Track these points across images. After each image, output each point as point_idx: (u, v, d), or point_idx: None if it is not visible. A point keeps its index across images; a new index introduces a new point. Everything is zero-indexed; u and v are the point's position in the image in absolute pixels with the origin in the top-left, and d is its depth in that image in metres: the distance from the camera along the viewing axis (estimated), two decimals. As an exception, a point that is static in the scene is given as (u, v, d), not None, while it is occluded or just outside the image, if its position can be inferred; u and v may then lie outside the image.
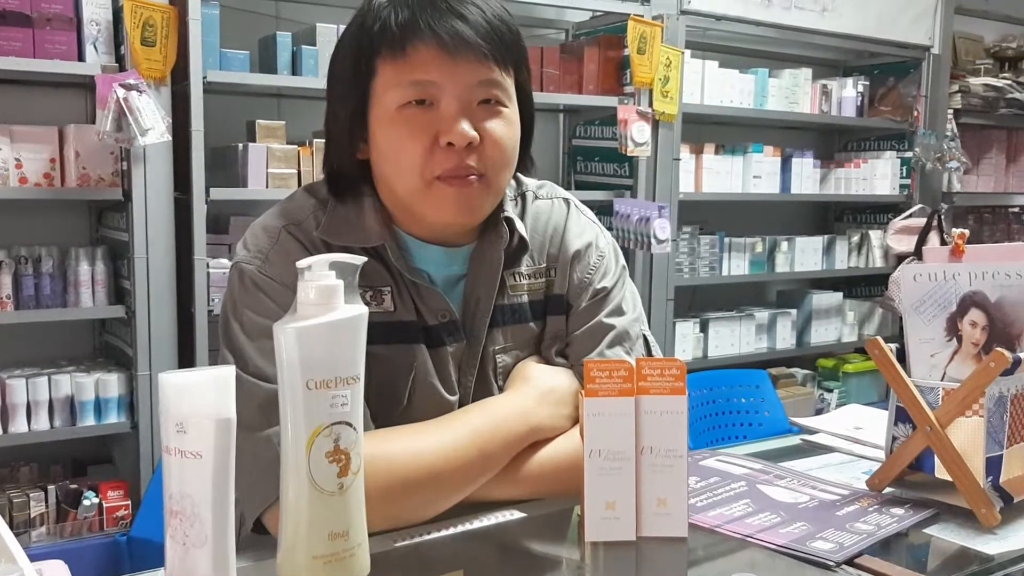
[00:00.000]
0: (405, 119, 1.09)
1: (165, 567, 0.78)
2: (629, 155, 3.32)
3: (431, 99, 1.09)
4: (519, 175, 1.26)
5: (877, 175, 4.19)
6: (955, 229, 1.63)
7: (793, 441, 1.41)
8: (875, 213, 4.38)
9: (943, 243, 3.70)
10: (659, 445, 0.98)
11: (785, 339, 3.99)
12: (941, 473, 1.07)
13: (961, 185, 4.47)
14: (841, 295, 4.20)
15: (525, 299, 1.23)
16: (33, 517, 2.59)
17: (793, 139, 4.24)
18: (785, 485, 1.15)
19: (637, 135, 3.28)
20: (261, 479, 1.01)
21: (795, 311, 4.05)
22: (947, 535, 1.02)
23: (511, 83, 1.14)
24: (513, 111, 1.14)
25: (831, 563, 0.93)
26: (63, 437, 2.62)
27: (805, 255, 4.00)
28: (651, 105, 3.35)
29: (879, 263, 4.24)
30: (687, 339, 3.67)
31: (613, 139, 3.37)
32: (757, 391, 2.86)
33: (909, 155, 4.25)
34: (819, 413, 3.56)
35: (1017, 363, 1.02)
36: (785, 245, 3.94)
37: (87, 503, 2.60)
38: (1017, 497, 1.06)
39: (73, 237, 2.82)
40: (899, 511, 1.07)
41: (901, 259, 3.99)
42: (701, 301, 3.98)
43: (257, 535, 1.05)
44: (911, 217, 4.08)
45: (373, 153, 1.15)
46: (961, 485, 1.04)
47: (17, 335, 2.73)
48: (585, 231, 1.27)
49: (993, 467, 1.05)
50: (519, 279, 1.23)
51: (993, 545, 0.99)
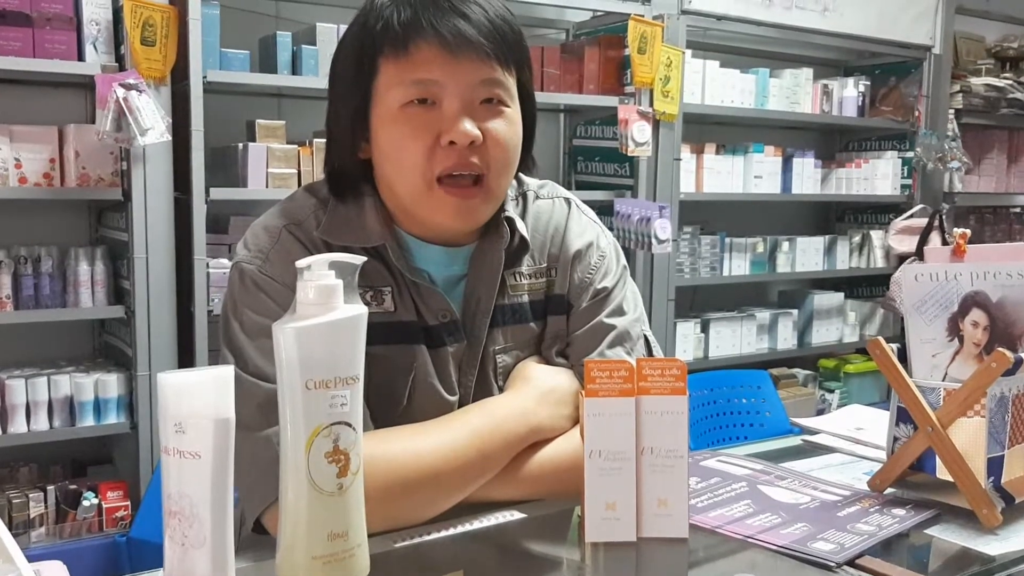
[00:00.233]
0: (407, 118, 1.09)
1: (164, 568, 0.78)
2: (630, 155, 3.32)
3: (433, 98, 1.09)
4: (520, 175, 1.26)
5: (878, 175, 4.19)
6: (956, 229, 1.62)
7: (794, 442, 1.41)
8: (876, 213, 4.37)
9: (944, 243, 3.70)
10: (660, 445, 0.98)
11: (786, 339, 3.99)
12: (942, 474, 1.07)
13: (962, 185, 4.47)
14: (842, 295, 4.20)
15: (526, 299, 1.23)
16: (32, 518, 2.58)
17: (794, 139, 4.24)
18: (786, 486, 1.15)
19: (638, 135, 3.28)
20: (260, 479, 1.01)
21: (796, 311, 4.05)
22: (948, 536, 1.01)
23: (513, 83, 1.14)
24: (515, 111, 1.14)
25: (832, 564, 0.93)
26: (62, 437, 2.62)
27: (806, 255, 4.00)
28: (652, 105, 3.35)
29: (880, 263, 4.24)
30: (688, 339, 3.67)
31: (614, 139, 3.37)
32: (758, 391, 2.85)
33: (910, 155, 4.24)
34: (820, 414, 3.55)
35: (1019, 363, 1.02)
36: (786, 245, 3.93)
37: (86, 504, 2.60)
38: (1019, 498, 1.06)
39: (73, 237, 2.82)
40: (900, 512, 1.06)
41: (902, 259, 3.99)
42: (702, 301, 3.98)
43: (258, 535, 1.05)
44: (912, 217, 4.08)
45: (375, 152, 1.14)
46: (962, 486, 1.04)
47: (17, 335, 2.73)
48: (586, 231, 1.27)
49: (995, 468, 1.05)
50: (520, 279, 1.23)
51: (994, 546, 0.98)
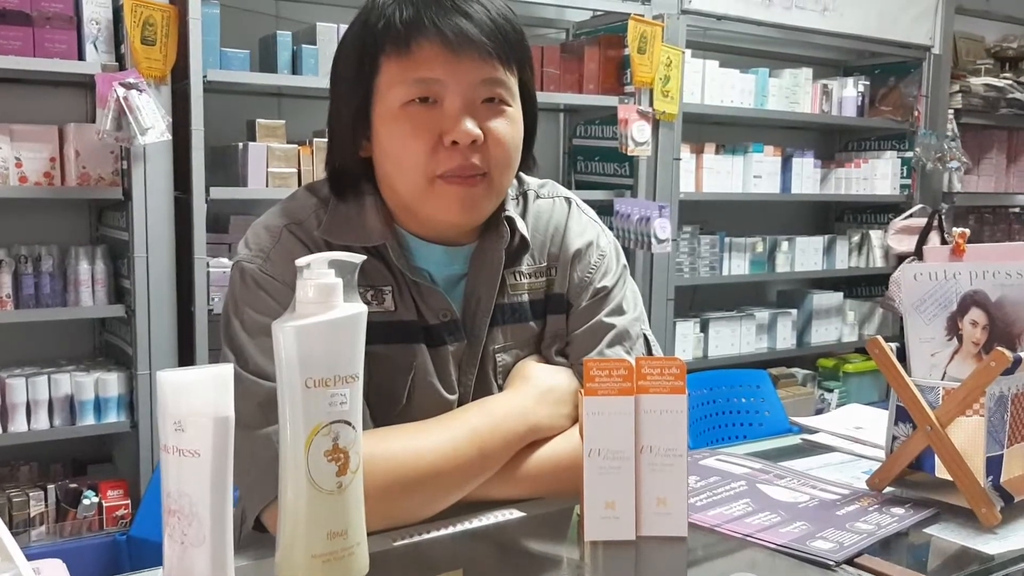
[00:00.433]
0: (409, 117, 1.09)
1: (163, 566, 0.78)
2: (629, 155, 3.32)
3: (435, 97, 1.08)
4: (521, 174, 1.26)
5: (878, 175, 4.18)
6: (956, 229, 1.63)
7: (793, 441, 1.41)
8: (876, 213, 4.38)
9: (944, 243, 3.70)
10: (659, 444, 0.98)
11: (785, 339, 3.99)
12: (941, 473, 1.07)
13: (962, 185, 4.47)
14: (841, 295, 4.20)
15: (525, 298, 1.23)
16: (33, 516, 2.59)
17: (794, 139, 4.24)
18: (785, 485, 1.15)
19: (637, 135, 3.28)
20: (260, 478, 1.01)
21: (795, 311, 4.05)
22: (947, 535, 1.01)
23: (515, 82, 1.13)
24: (517, 110, 1.14)
25: (831, 563, 0.93)
26: (63, 436, 2.62)
27: (805, 255, 4.00)
28: (651, 105, 3.35)
29: (879, 263, 4.24)
30: (687, 339, 3.67)
31: (613, 139, 3.37)
32: (757, 391, 2.86)
33: (910, 155, 4.24)
34: (819, 413, 3.55)
35: (1018, 362, 1.02)
36: (785, 245, 3.93)
37: (87, 502, 2.60)
38: (1018, 497, 1.06)
39: (73, 236, 2.82)
40: (899, 511, 1.06)
41: (902, 259, 3.99)
42: (701, 301, 3.98)
43: (259, 533, 1.05)
44: (912, 217, 4.08)
45: (376, 151, 1.14)
46: (961, 485, 1.04)
47: (17, 334, 2.73)
48: (586, 230, 1.27)
49: (993, 467, 1.05)
50: (520, 278, 1.23)
51: (993, 545, 0.98)
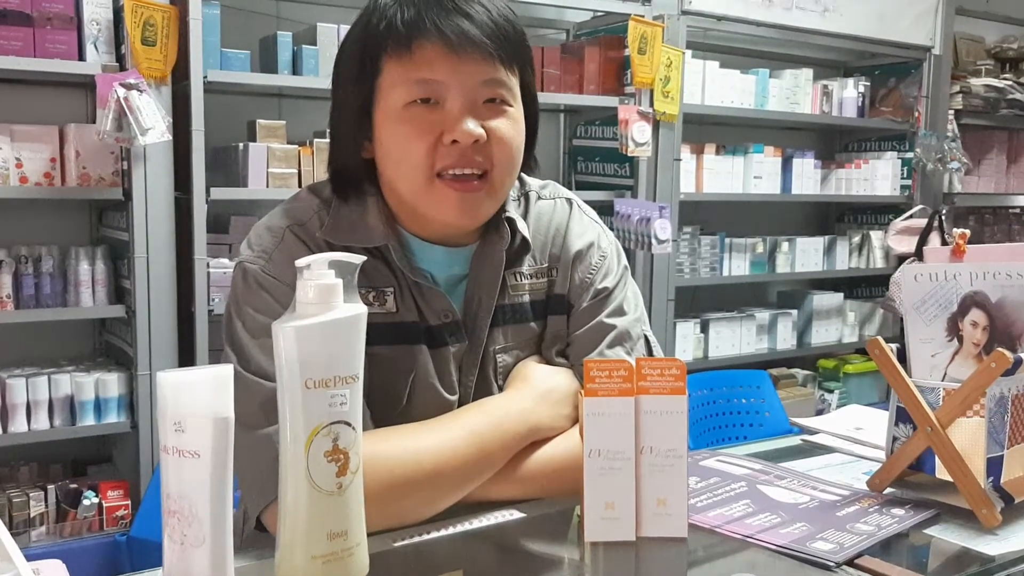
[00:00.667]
0: (410, 117, 1.09)
1: (163, 567, 0.78)
2: (630, 155, 3.32)
3: (436, 98, 1.09)
4: (523, 175, 1.26)
5: (878, 176, 4.18)
6: (956, 229, 1.62)
7: (793, 441, 1.41)
8: (876, 214, 4.38)
9: (944, 244, 3.70)
10: (659, 445, 0.98)
11: (786, 340, 3.99)
12: (942, 474, 1.07)
13: (962, 186, 4.47)
14: (842, 296, 4.20)
15: (526, 299, 1.23)
16: (33, 517, 2.59)
17: (794, 139, 4.24)
18: (785, 485, 1.15)
19: (638, 135, 3.28)
20: (260, 478, 1.01)
21: (796, 312, 4.05)
22: (948, 536, 1.01)
23: (516, 83, 1.13)
24: (518, 110, 1.14)
25: (831, 564, 0.93)
26: (63, 437, 2.62)
27: (806, 256, 4.00)
28: (652, 105, 3.35)
29: (880, 264, 4.24)
30: (688, 339, 3.67)
31: (614, 139, 3.37)
32: (758, 391, 2.86)
33: (910, 156, 4.24)
34: (820, 414, 3.55)
35: (1018, 363, 1.02)
36: (786, 246, 3.93)
37: (87, 503, 2.60)
38: (1018, 498, 1.06)
39: (73, 237, 2.82)
40: (899, 512, 1.06)
41: (902, 260, 3.99)
42: (702, 301, 3.98)
43: (261, 532, 1.05)
44: (912, 218, 4.07)
45: (377, 152, 1.14)
46: (962, 486, 1.04)
47: (17, 334, 2.73)
48: (587, 231, 1.27)
49: (994, 468, 1.05)
50: (520, 279, 1.23)
51: (994, 546, 0.98)
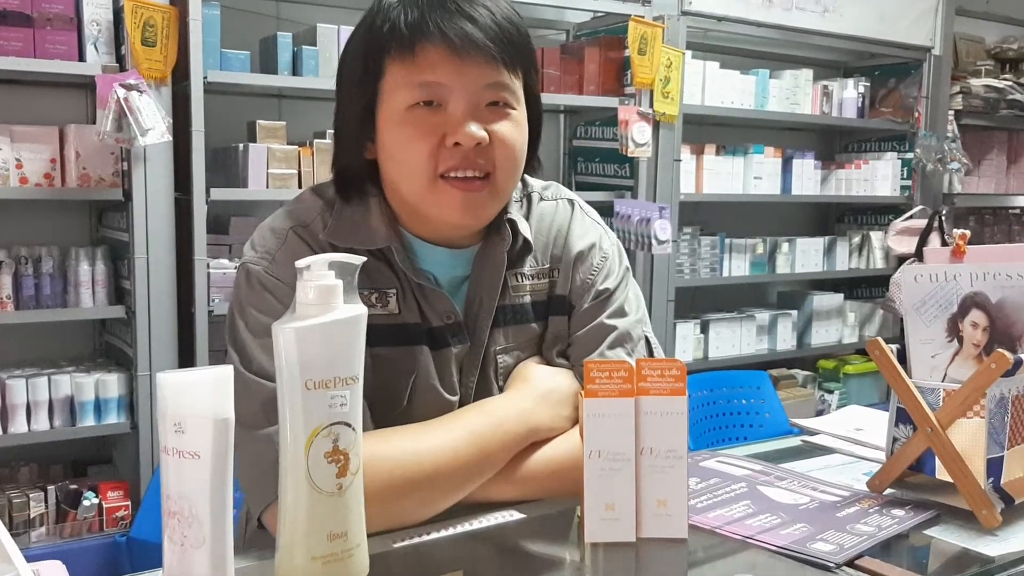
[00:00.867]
0: (413, 119, 1.09)
1: (163, 568, 0.78)
2: (630, 156, 3.32)
3: (439, 100, 1.09)
4: (525, 176, 1.26)
5: (878, 176, 4.18)
6: (956, 230, 1.63)
7: (794, 442, 1.41)
8: (876, 214, 4.38)
9: (944, 244, 3.70)
10: (659, 446, 0.98)
11: (786, 340, 3.99)
12: (942, 474, 1.07)
13: (962, 186, 4.47)
14: (842, 296, 4.20)
15: (528, 299, 1.23)
16: (33, 517, 2.58)
17: (794, 140, 4.24)
18: (785, 486, 1.15)
19: (638, 136, 3.28)
20: (261, 478, 1.01)
21: (796, 312, 4.05)
22: (948, 537, 1.01)
23: (519, 85, 1.13)
24: (521, 113, 1.14)
25: (831, 564, 0.93)
26: (63, 437, 2.62)
27: (806, 256, 4.00)
28: (652, 106, 3.35)
29: (880, 264, 4.24)
30: (687, 340, 3.67)
31: (614, 140, 3.37)
32: (758, 392, 2.86)
33: (910, 156, 4.24)
34: (820, 414, 3.56)
35: (1018, 364, 1.02)
36: (786, 246, 3.93)
37: (87, 503, 2.60)
38: (1018, 498, 1.06)
39: (73, 237, 2.82)
40: (900, 512, 1.06)
41: (902, 260, 3.99)
42: (702, 302, 3.98)
43: (264, 531, 1.05)
44: (912, 218, 4.08)
45: (381, 153, 1.14)
46: (962, 486, 1.04)
47: (17, 335, 2.73)
48: (589, 232, 1.27)
49: (994, 468, 1.05)
50: (522, 280, 1.23)
51: (994, 547, 0.98)
